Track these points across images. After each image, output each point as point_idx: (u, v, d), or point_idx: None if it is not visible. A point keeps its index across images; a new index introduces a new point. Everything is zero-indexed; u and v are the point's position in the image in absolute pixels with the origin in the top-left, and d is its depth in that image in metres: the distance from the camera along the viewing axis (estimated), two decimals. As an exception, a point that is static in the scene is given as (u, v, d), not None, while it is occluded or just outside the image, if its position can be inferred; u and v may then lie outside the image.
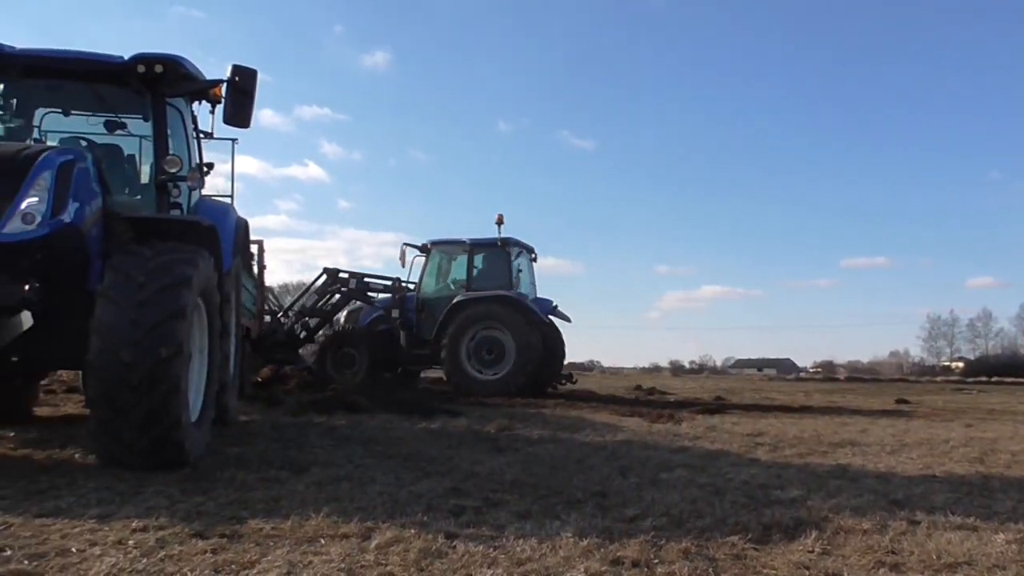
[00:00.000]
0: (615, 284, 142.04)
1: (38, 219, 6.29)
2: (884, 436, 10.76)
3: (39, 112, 8.20)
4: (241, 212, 9.65)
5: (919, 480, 7.06)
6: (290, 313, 19.51)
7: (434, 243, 19.16)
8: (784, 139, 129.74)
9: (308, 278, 20.90)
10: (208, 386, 7.21)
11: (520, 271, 18.57)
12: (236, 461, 6.73)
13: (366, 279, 20.04)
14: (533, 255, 19.75)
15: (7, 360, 6.10)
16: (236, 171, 10.38)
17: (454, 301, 17.64)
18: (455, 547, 4.29)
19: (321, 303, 19.93)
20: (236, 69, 7.60)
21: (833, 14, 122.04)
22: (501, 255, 18.32)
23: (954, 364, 78.31)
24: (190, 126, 8.67)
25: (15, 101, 7.94)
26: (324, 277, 19.94)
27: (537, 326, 17.52)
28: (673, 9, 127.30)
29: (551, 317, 18.69)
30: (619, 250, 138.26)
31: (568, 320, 19.31)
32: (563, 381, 19.35)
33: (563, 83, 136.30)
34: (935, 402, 20.37)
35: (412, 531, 4.52)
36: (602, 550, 4.33)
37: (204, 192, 9.12)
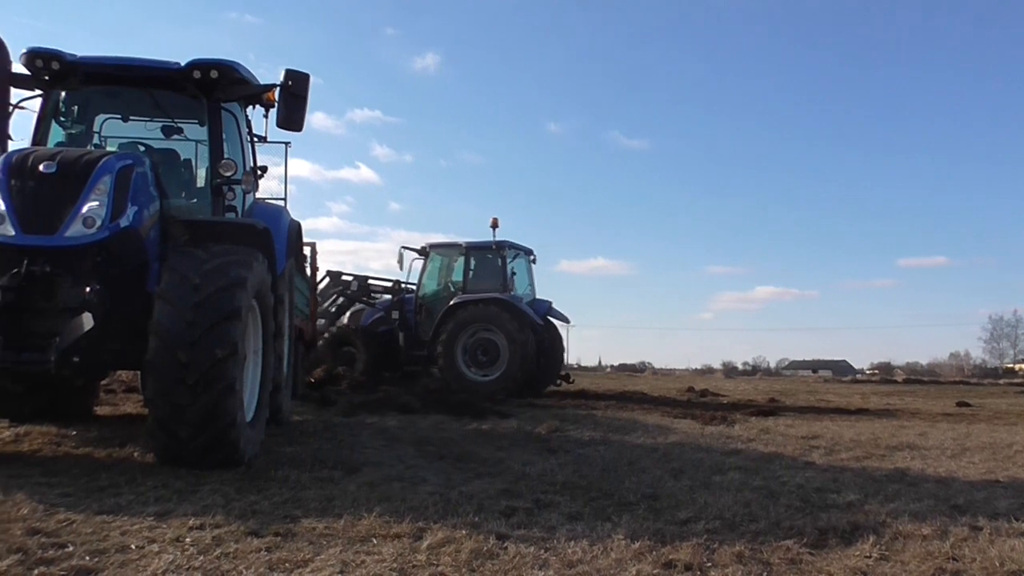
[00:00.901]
0: (667, 285, 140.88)
1: (98, 223, 6.45)
2: (944, 440, 10.49)
3: (99, 118, 8.39)
4: (294, 215, 9.77)
5: (981, 485, 6.88)
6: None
7: (432, 246, 19.43)
8: (840, 137, 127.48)
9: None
10: (262, 386, 7.31)
11: (515, 273, 18.68)
12: (290, 461, 6.81)
13: (369, 281, 20.38)
14: (532, 257, 19.91)
15: (69, 360, 6.22)
16: (289, 174, 10.50)
17: (450, 303, 17.89)
18: (506, 548, 4.29)
19: (325, 305, 20.23)
20: (289, 73, 7.70)
21: (890, 12, 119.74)
22: (496, 258, 18.49)
23: (1018, 366, 76.09)
24: (244, 130, 8.79)
25: (76, 108, 8.13)
26: (327, 280, 20.26)
27: (531, 328, 17.61)
28: (725, 7, 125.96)
29: (549, 318, 18.80)
30: (671, 251, 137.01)
31: (566, 321, 19.49)
32: (559, 382, 19.35)
33: (613, 83, 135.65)
34: (998, 405, 19.80)
35: (463, 532, 4.53)
36: (654, 553, 4.30)
37: (258, 195, 9.26)
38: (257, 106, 8.88)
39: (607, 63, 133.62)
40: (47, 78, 7.75)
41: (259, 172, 9.07)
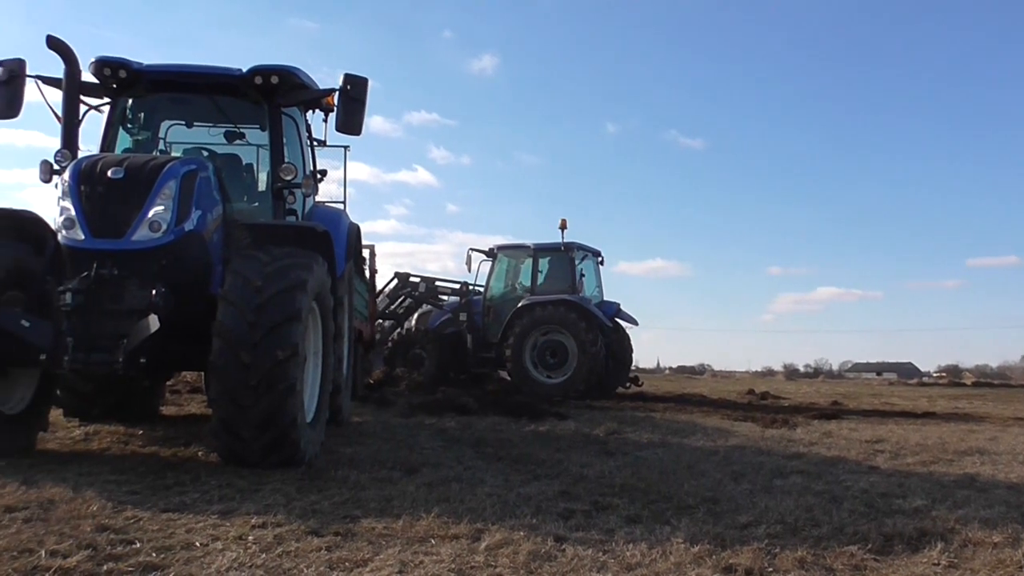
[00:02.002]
0: (726, 286, 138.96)
1: (164, 227, 6.60)
2: (1016, 444, 10.15)
3: (164, 124, 8.61)
4: (353, 217, 9.89)
5: (1056, 492, 6.64)
6: None
7: (500, 248, 19.38)
8: (905, 135, 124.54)
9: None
10: (322, 387, 7.39)
11: (583, 275, 18.50)
12: (349, 461, 6.88)
13: (436, 283, 20.47)
14: (600, 258, 19.77)
15: (136, 361, 6.36)
16: (348, 177, 10.66)
17: (518, 305, 17.82)
18: (564, 550, 4.27)
19: (393, 306, 20.34)
20: (348, 78, 7.78)
21: (957, 11, 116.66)
22: (564, 259, 18.38)
23: (1093, 369, 73.41)
24: (304, 135, 8.92)
25: (143, 115, 8.34)
26: (395, 281, 20.39)
27: (599, 330, 17.48)
28: (784, 6, 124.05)
29: (617, 320, 18.61)
30: (730, 251, 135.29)
31: (635, 323, 19.15)
32: (628, 384, 19.15)
33: (671, 82, 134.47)
34: (1073, 409, 19.12)
35: (521, 533, 4.52)
36: (714, 557, 4.23)
37: (318, 198, 9.39)
38: (316, 110, 9.02)
39: (664, 62, 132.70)
40: (115, 86, 7.96)
41: (319, 176, 9.18)
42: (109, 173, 6.60)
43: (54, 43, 7.31)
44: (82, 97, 7.79)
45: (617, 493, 5.97)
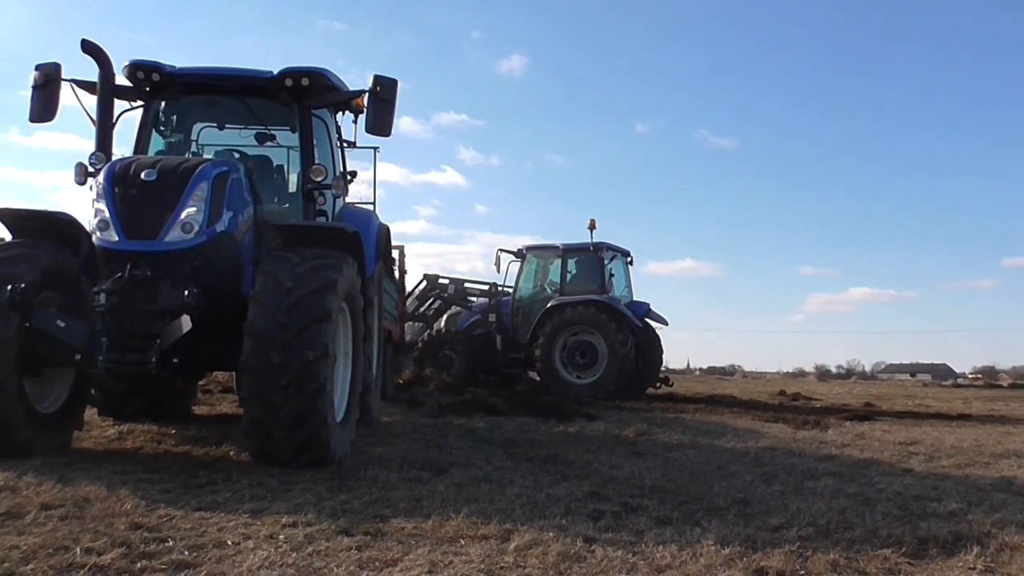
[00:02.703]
0: (757, 286, 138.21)
1: (196, 228, 6.66)
2: (1055, 447, 9.97)
3: (196, 127, 8.69)
4: (382, 218, 9.93)
5: (1098, 495, 6.50)
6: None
7: (529, 248, 19.32)
8: (940, 131, 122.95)
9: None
10: (352, 388, 7.42)
11: (613, 275, 18.39)
12: (379, 461, 6.90)
13: (465, 284, 20.49)
14: (629, 258, 19.66)
15: (169, 361, 6.44)
16: (377, 178, 10.72)
17: (547, 305, 17.77)
18: (593, 551, 4.25)
19: (423, 308, 20.38)
20: (377, 79, 7.80)
21: (981, 10, 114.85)
22: (593, 259, 18.28)
23: None
24: (334, 136, 8.97)
25: (175, 117, 8.42)
26: (424, 283, 20.44)
27: (629, 330, 17.39)
28: (813, 5, 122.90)
29: (647, 320, 18.51)
30: (760, 251, 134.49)
31: (665, 323, 19.04)
32: (658, 384, 19.06)
33: (701, 81, 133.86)
34: (1113, 411, 18.75)
35: (551, 534, 4.51)
36: (745, 559, 4.20)
37: (348, 199, 9.44)
38: (346, 112, 9.07)
39: (694, 61, 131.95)
40: (148, 89, 8.05)
41: (349, 177, 9.24)
42: (142, 175, 6.67)
43: (89, 47, 7.40)
44: (116, 100, 7.87)
45: (647, 494, 5.94)
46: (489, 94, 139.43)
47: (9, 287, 5.97)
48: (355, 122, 9.11)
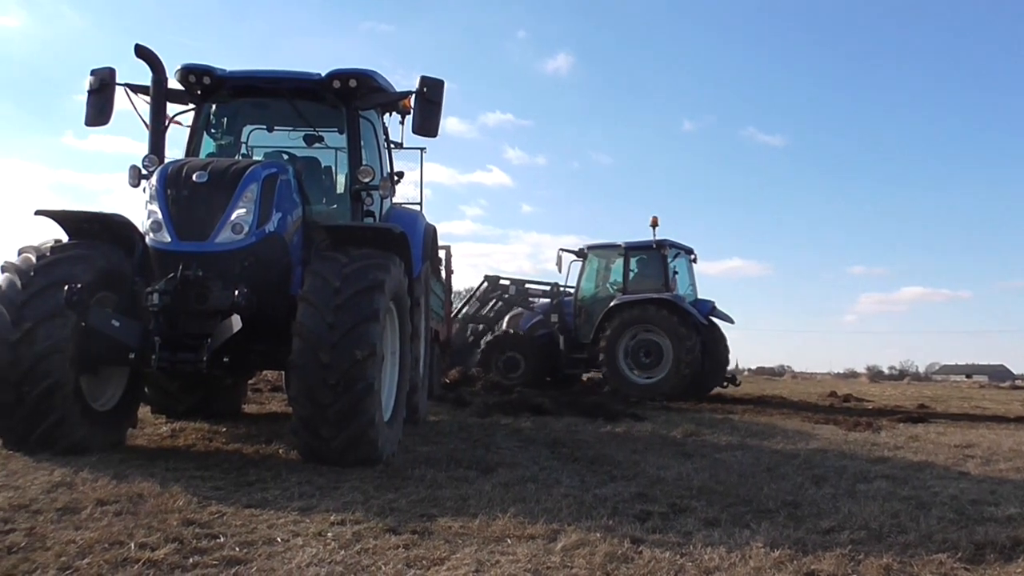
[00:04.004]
0: (806, 286, 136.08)
1: (246, 229, 6.75)
2: (1119, 451, 9.65)
3: (246, 129, 8.82)
4: (429, 218, 9.97)
5: None
6: (456, 320, 20.15)
7: (590, 247, 19.14)
8: (994, 125, 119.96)
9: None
10: (400, 387, 7.46)
11: (676, 272, 18.14)
12: (426, 460, 6.93)
13: (526, 285, 20.39)
14: (692, 256, 19.33)
15: (220, 360, 6.54)
16: (424, 179, 10.77)
17: (610, 304, 17.55)
18: (641, 552, 4.22)
19: (485, 310, 20.37)
20: (424, 80, 7.83)
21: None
22: (657, 257, 18.03)
23: None
24: (381, 137, 9.04)
25: (226, 120, 8.56)
26: (485, 284, 20.44)
27: (695, 328, 17.11)
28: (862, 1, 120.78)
29: (712, 318, 18.15)
30: (810, 250, 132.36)
31: (730, 321, 18.62)
32: (724, 384, 18.72)
33: (748, 79, 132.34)
34: None
35: (598, 535, 4.49)
36: (795, 562, 4.14)
37: (395, 200, 9.50)
38: (393, 113, 9.13)
39: (742, 58, 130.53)
40: (199, 92, 8.19)
41: (396, 177, 9.29)
42: (194, 177, 6.78)
43: (142, 52, 7.55)
44: (169, 104, 8.02)
45: (695, 495, 5.88)
46: (535, 93, 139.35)
47: (66, 287, 6.09)
48: (402, 123, 9.20)
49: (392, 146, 9.43)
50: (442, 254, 14.41)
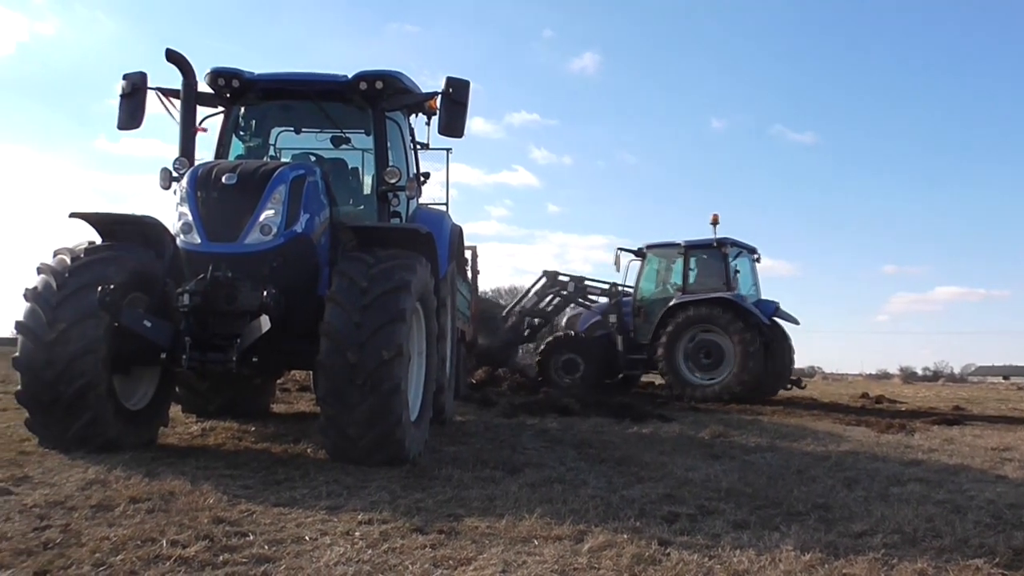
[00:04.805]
0: (837, 285, 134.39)
1: (274, 230, 6.81)
2: None
3: (274, 131, 8.90)
4: (455, 219, 9.99)
5: None
6: (513, 313, 20.14)
7: (649, 247, 18.77)
8: (1021, 123, 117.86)
9: (519, 282, 21.47)
10: (426, 387, 7.48)
11: (738, 271, 17.71)
12: (453, 460, 6.94)
13: (585, 282, 20.10)
14: (756, 255, 18.80)
15: (249, 360, 6.60)
16: (450, 179, 10.79)
17: (669, 304, 17.23)
18: (668, 554, 4.20)
19: (542, 305, 20.30)
20: (450, 81, 7.85)
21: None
22: (717, 256, 17.59)
23: None
24: (408, 138, 9.07)
25: (254, 122, 8.64)
26: (544, 279, 20.28)
27: (757, 329, 16.66)
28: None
29: (775, 319, 17.68)
30: (841, 250, 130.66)
31: (795, 322, 18.11)
32: (789, 386, 18.29)
33: (777, 76, 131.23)
34: None
35: (625, 536, 4.47)
36: (826, 566, 4.09)
37: (421, 200, 9.53)
38: (419, 114, 9.16)
39: (770, 56, 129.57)
40: (228, 95, 8.28)
41: (422, 178, 9.32)
42: (223, 179, 6.84)
43: (173, 56, 7.63)
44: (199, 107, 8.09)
45: (723, 497, 5.84)
46: (561, 93, 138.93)
47: (99, 288, 6.18)
48: (428, 124, 9.21)
49: (418, 147, 9.46)
50: (468, 254, 14.43)
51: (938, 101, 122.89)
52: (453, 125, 7.88)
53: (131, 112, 7.88)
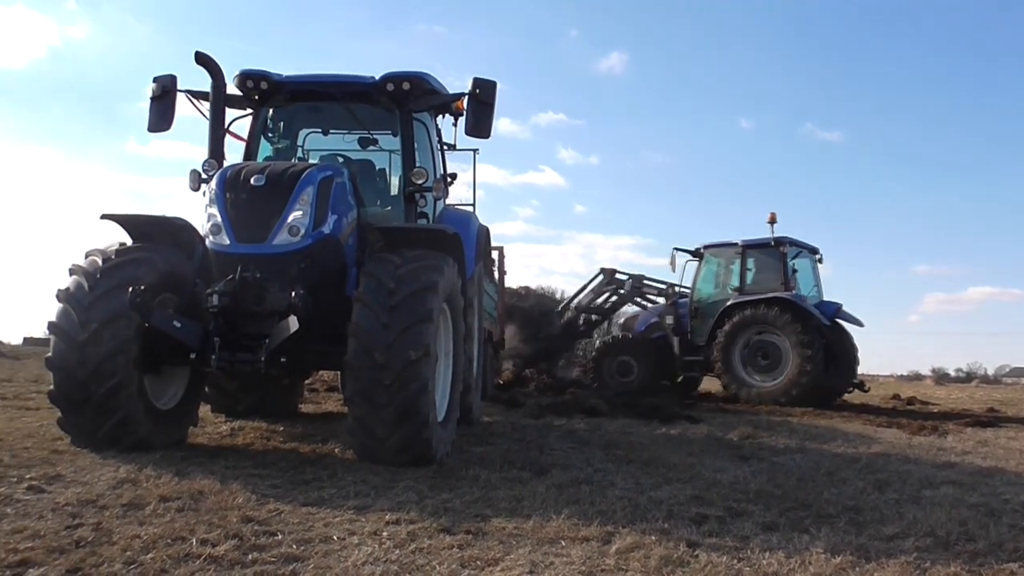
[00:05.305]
0: (867, 286, 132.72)
1: (302, 231, 6.84)
2: None
3: (302, 133, 8.94)
4: (482, 219, 9.99)
5: None
6: (569, 309, 20.14)
7: (706, 247, 18.36)
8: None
9: (546, 283, 21.41)
10: (453, 387, 7.49)
11: (796, 271, 17.20)
12: (480, 460, 6.94)
13: (644, 281, 19.88)
14: (817, 256, 18.33)
15: (277, 360, 6.63)
16: (477, 180, 10.78)
17: (726, 305, 16.92)
18: (697, 556, 4.17)
19: (599, 301, 20.19)
20: (477, 82, 7.86)
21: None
22: (775, 255, 17.08)
23: None
24: (435, 139, 9.09)
25: (282, 124, 8.70)
26: (600, 277, 20.14)
27: (817, 330, 16.25)
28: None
29: (838, 320, 17.11)
30: (872, 249, 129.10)
31: (859, 324, 17.49)
32: (851, 389, 17.71)
33: (805, 74, 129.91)
34: None
35: (653, 537, 4.45)
36: (857, 569, 4.05)
37: (448, 201, 9.54)
38: (446, 115, 9.16)
39: (798, 54, 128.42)
40: (257, 97, 8.33)
41: (449, 179, 9.34)
42: (252, 181, 6.89)
43: (202, 59, 7.69)
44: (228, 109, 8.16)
45: (752, 499, 5.79)
46: (588, 93, 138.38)
47: (130, 289, 6.23)
48: (455, 125, 9.21)
49: (445, 148, 9.47)
50: (495, 255, 14.44)
51: (970, 98, 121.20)
52: (480, 126, 7.88)
53: (161, 114, 7.96)
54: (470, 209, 10.25)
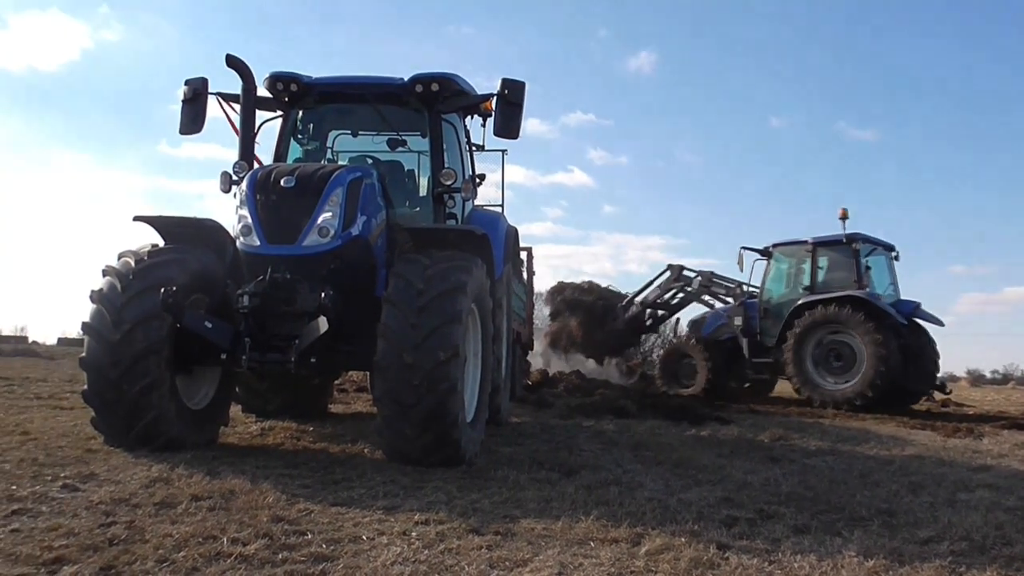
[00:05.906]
0: (902, 286, 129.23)
1: (332, 232, 6.87)
2: None
3: (332, 134, 8.98)
4: (510, 220, 9.98)
5: None
6: (634, 304, 20.06)
7: (775, 246, 17.85)
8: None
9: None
10: (482, 388, 7.49)
11: (869, 268, 16.61)
12: (508, 461, 6.93)
13: (713, 278, 19.62)
14: (893, 253, 17.60)
15: (307, 361, 6.66)
16: (505, 180, 10.77)
17: (796, 304, 16.45)
18: (727, 559, 4.13)
19: (666, 297, 20.12)
20: (505, 82, 7.85)
21: None
22: (847, 253, 16.47)
23: None
24: (463, 140, 9.09)
25: (312, 125, 8.74)
26: (668, 273, 20.05)
27: (893, 330, 15.64)
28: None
29: (916, 320, 16.53)
30: (906, 249, 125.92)
31: (939, 323, 16.78)
32: (932, 392, 17.24)
33: (837, 73, 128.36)
34: None
35: (682, 539, 4.41)
36: (890, 572, 4.00)
37: (476, 202, 9.54)
38: (475, 115, 9.17)
39: (830, 52, 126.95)
40: (286, 99, 8.39)
41: (477, 180, 9.33)
42: (282, 182, 6.93)
43: (232, 61, 7.75)
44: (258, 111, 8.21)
45: (783, 501, 5.73)
46: (617, 93, 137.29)
47: (162, 290, 6.30)
48: (483, 125, 9.21)
49: (474, 148, 9.47)
50: (523, 256, 14.41)
51: (1006, 96, 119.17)
52: (508, 126, 7.88)
53: (192, 117, 8.04)
54: (499, 210, 10.24)
